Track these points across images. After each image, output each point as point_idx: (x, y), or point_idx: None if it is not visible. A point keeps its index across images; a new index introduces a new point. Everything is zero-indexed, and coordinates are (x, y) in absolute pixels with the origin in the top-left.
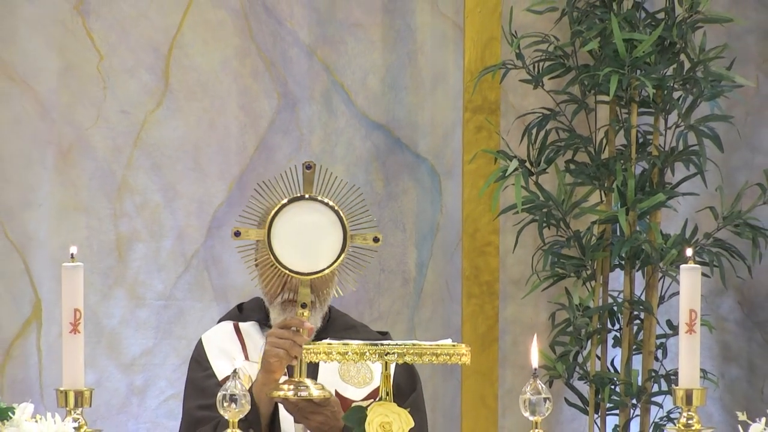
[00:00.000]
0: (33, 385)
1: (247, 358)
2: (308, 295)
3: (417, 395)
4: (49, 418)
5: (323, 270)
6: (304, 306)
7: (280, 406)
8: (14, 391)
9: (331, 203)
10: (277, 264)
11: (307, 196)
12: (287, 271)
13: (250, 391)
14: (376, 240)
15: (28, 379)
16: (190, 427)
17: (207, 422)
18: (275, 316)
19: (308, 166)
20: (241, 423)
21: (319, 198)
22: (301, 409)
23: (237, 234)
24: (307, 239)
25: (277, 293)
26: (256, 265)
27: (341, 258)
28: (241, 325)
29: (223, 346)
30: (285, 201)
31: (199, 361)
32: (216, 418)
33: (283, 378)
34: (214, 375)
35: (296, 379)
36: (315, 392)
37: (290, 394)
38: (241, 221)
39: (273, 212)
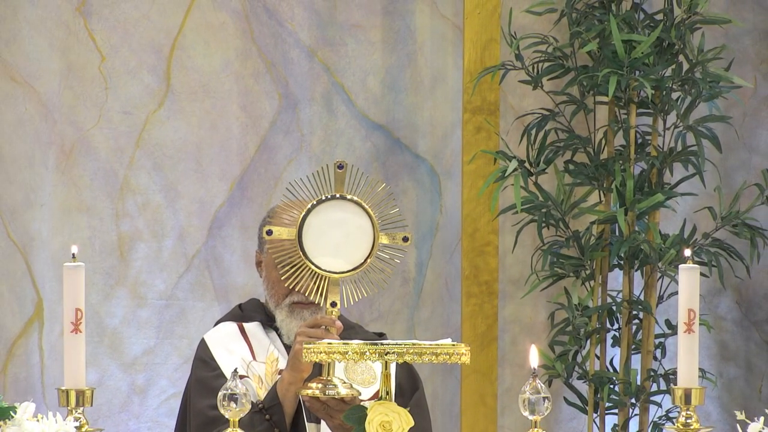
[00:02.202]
0: (35, 385)
1: (254, 358)
2: (338, 294)
3: (420, 394)
4: (51, 418)
5: (354, 269)
6: (333, 305)
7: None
8: (16, 390)
9: (362, 203)
10: (308, 263)
11: (338, 195)
12: (319, 270)
13: (273, 389)
14: (405, 239)
15: (30, 378)
16: (203, 427)
17: (224, 422)
18: (282, 318)
19: (340, 166)
20: (257, 419)
21: (350, 197)
22: (327, 408)
23: (269, 233)
24: (338, 238)
25: (287, 295)
26: (283, 266)
27: (371, 257)
28: (246, 325)
29: (229, 347)
30: (317, 201)
31: (205, 360)
32: None
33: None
34: (223, 375)
35: (325, 378)
36: (343, 391)
37: (318, 392)
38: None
39: (304, 212)
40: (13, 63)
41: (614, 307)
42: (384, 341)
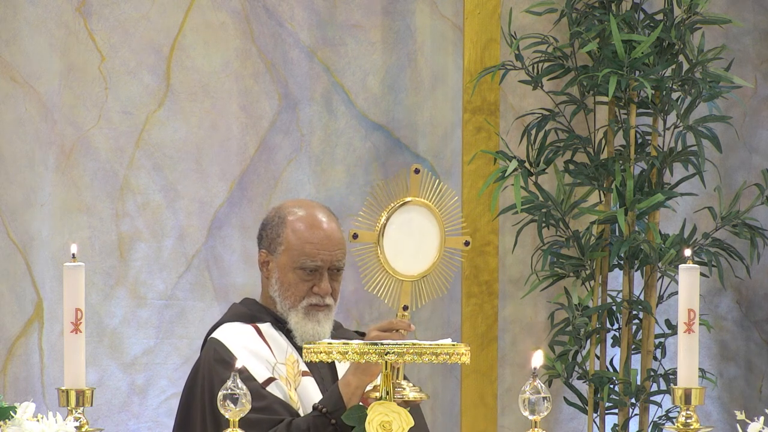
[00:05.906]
0: (35, 385)
1: (276, 360)
2: (409, 297)
3: None
4: (51, 418)
5: (423, 273)
6: (405, 308)
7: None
8: (16, 390)
9: (432, 207)
10: (386, 267)
11: (413, 199)
12: (396, 274)
13: (335, 393)
14: (467, 244)
15: (30, 378)
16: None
17: (268, 425)
18: (297, 320)
19: (417, 170)
20: (321, 422)
21: (425, 201)
22: None
23: (355, 237)
24: (411, 242)
25: (304, 297)
26: (364, 269)
27: (438, 261)
28: (261, 326)
29: (251, 348)
30: (397, 204)
31: (228, 362)
32: (279, 419)
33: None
34: (252, 378)
35: (393, 380)
36: (411, 394)
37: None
38: (358, 225)
39: (386, 215)
40: (13, 63)
41: (614, 307)
42: (384, 341)
